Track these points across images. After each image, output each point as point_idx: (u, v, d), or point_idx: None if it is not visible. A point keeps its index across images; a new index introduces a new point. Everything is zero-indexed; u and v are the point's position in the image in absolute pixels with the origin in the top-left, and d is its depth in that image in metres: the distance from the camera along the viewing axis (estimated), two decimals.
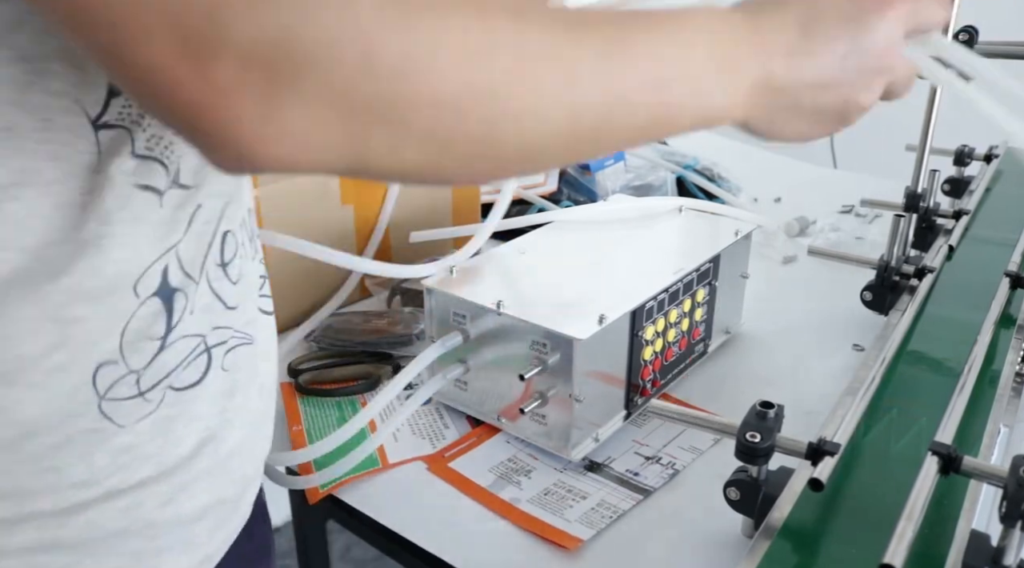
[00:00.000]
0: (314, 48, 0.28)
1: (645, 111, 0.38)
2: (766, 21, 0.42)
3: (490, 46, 0.32)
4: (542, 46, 0.34)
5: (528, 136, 0.35)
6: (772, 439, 0.57)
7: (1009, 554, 0.50)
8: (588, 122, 0.36)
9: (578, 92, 0.35)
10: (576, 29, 0.35)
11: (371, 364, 0.84)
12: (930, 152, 0.94)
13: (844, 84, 0.44)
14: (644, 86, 0.38)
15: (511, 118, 0.34)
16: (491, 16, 0.32)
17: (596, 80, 0.36)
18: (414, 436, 0.75)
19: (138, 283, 0.40)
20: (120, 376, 0.40)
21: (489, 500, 0.67)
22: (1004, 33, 0.87)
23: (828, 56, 0.43)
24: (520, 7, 0.34)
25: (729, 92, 0.41)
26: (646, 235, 0.87)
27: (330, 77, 0.29)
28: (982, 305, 0.79)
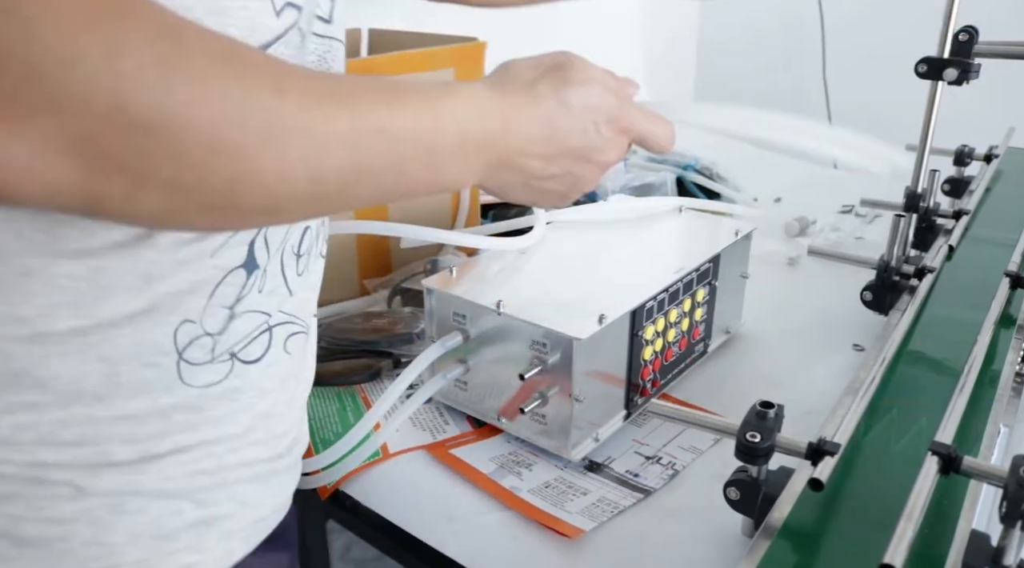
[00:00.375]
0: (62, 93, 0.30)
1: (387, 182, 0.41)
2: (515, 116, 0.48)
3: (244, 111, 0.34)
4: (296, 115, 0.36)
5: (271, 196, 0.37)
6: (772, 439, 0.57)
7: (1009, 554, 0.50)
8: (331, 187, 0.39)
9: (324, 159, 0.37)
10: (333, 100, 0.38)
11: (371, 358, 0.84)
12: (930, 152, 0.94)
13: (569, 178, 0.52)
14: (388, 162, 0.40)
15: (256, 177, 0.35)
16: (251, 82, 0.34)
17: (342, 153, 0.38)
18: (415, 427, 0.75)
19: (224, 252, 0.44)
20: (197, 336, 0.44)
21: (490, 487, 0.67)
22: (1004, 33, 0.87)
23: (559, 157, 0.50)
24: (283, 74, 0.36)
25: (465, 170, 0.46)
26: (646, 235, 0.87)
27: (72, 122, 0.30)
28: (982, 305, 0.79)
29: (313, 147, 0.37)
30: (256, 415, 0.49)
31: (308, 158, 0.37)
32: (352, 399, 0.80)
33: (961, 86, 0.89)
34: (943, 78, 0.88)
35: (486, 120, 0.46)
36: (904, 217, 0.89)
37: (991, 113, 1.35)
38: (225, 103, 0.33)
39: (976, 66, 0.88)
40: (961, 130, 1.13)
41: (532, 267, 0.78)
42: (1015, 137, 1.23)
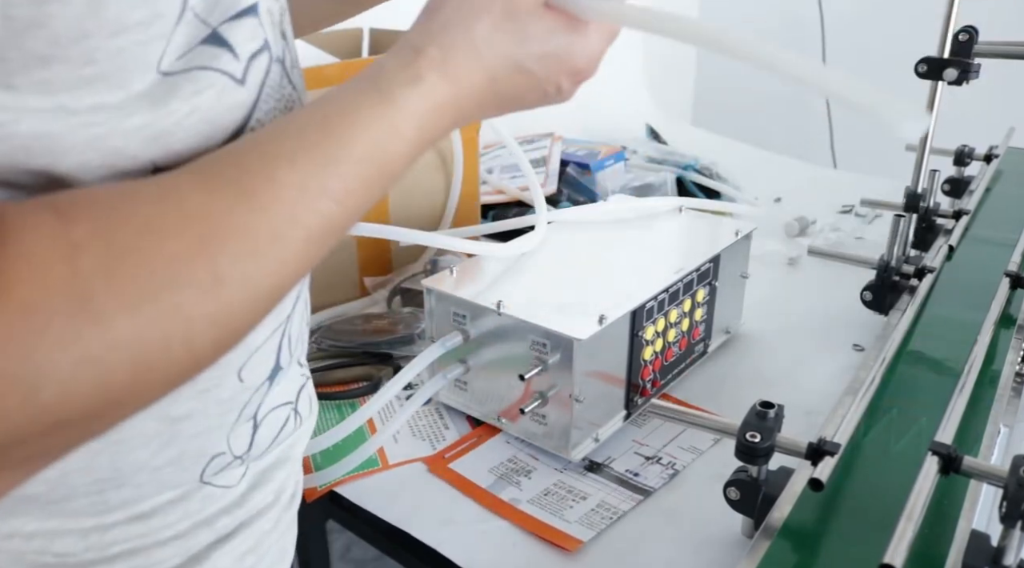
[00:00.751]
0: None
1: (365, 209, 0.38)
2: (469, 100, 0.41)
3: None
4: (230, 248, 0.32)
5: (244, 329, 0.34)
6: (772, 439, 0.57)
7: (1009, 554, 0.50)
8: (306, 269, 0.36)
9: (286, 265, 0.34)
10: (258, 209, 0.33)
11: (372, 366, 0.84)
12: (930, 152, 0.94)
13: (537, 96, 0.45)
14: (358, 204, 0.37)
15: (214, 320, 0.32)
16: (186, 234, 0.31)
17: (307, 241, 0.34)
18: (414, 437, 0.75)
19: (244, 368, 0.41)
20: (227, 464, 0.42)
21: (489, 500, 0.67)
22: (1004, 33, 0.87)
23: (518, 106, 0.45)
24: (184, 196, 0.32)
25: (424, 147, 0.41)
26: (646, 235, 0.87)
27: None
28: (982, 305, 0.79)
29: (268, 298, 0.34)
30: (283, 481, 0.48)
31: (268, 307, 0.34)
32: (352, 410, 0.79)
33: (961, 86, 0.89)
34: (943, 78, 0.88)
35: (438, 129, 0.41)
36: (904, 217, 0.89)
37: (991, 113, 1.35)
38: None
39: (976, 66, 0.88)
40: (961, 130, 1.13)
41: (532, 267, 0.78)
42: (1015, 137, 1.24)
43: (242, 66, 0.36)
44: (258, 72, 0.37)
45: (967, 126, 1.20)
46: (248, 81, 0.36)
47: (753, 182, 1.36)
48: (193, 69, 0.34)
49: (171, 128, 0.33)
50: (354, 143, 0.36)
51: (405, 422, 0.77)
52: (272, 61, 0.38)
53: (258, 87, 0.37)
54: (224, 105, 0.35)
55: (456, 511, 0.66)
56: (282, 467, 0.47)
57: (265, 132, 0.36)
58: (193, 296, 0.30)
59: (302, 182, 0.34)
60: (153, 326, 0.29)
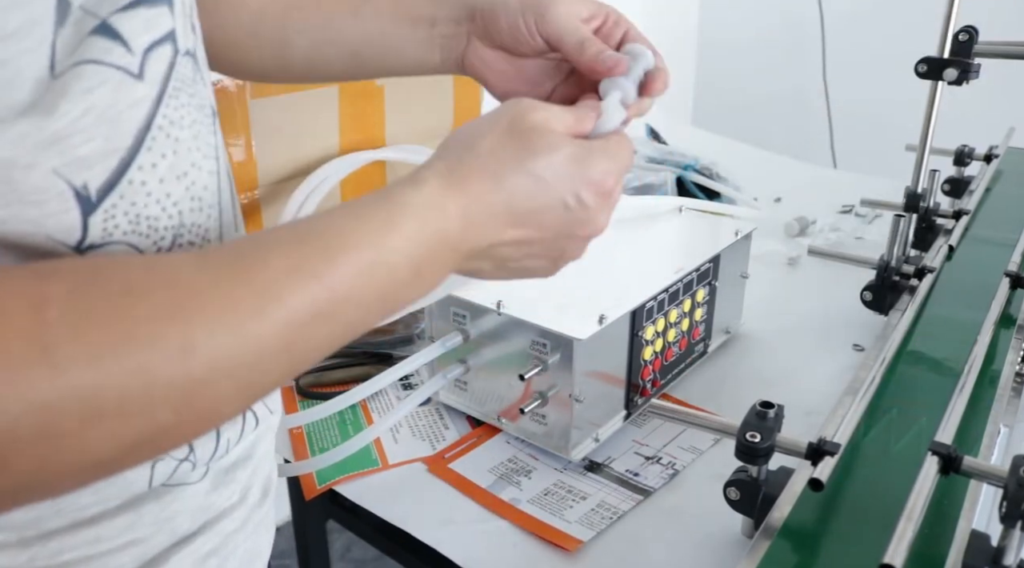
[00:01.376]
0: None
1: (354, 333, 0.37)
2: (476, 209, 0.40)
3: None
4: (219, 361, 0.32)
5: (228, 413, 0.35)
6: (772, 439, 0.57)
7: (1009, 554, 0.50)
8: (293, 374, 0.35)
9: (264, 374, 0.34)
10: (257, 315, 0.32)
11: (372, 366, 0.84)
12: (930, 152, 0.94)
13: (553, 252, 0.45)
14: (349, 324, 0.36)
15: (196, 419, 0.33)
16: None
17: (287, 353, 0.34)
18: (414, 437, 0.75)
19: None
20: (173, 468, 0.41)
21: (489, 500, 0.67)
22: (1004, 33, 0.87)
23: (537, 236, 0.43)
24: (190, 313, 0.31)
25: (428, 286, 0.40)
26: (646, 235, 0.87)
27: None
28: (982, 305, 0.79)
29: (237, 381, 0.32)
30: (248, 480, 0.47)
31: (236, 391, 0.33)
32: (352, 410, 0.79)
33: (961, 86, 0.89)
34: (943, 78, 0.88)
35: (446, 232, 0.39)
36: (904, 217, 0.89)
37: (991, 113, 1.35)
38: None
39: (976, 66, 0.88)
40: (961, 130, 1.13)
41: None
42: (1015, 137, 1.24)
43: (137, 59, 0.34)
44: (159, 65, 0.35)
45: (967, 126, 1.21)
46: (147, 75, 0.35)
47: (753, 182, 1.36)
48: (82, 63, 0.32)
49: (66, 130, 0.32)
50: (349, 233, 0.36)
51: (405, 422, 0.77)
52: (178, 54, 0.36)
53: (160, 81, 0.35)
54: (123, 102, 0.34)
55: (456, 511, 0.66)
56: (244, 466, 0.46)
57: (272, 229, 0.36)
58: (158, 359, 0.29)
59: (293, 265, 0.34)
60: (111, 380, 0.29)
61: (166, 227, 0.37)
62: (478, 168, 0.41)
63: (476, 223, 0.40)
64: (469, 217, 0.40)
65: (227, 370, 0.31)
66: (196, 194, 0.38)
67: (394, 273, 0.37)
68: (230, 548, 0.46)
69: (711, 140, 1.57)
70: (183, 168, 0.37)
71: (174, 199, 0.37)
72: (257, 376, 0.33)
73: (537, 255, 0.44)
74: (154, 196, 0.36)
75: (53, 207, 0.32)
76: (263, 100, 0.83)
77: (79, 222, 0.33)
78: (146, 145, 0.35)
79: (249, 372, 0.33)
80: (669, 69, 0.51)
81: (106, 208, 0.34)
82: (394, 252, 0.37)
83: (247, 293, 0.32)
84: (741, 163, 1.39)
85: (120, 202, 0.35)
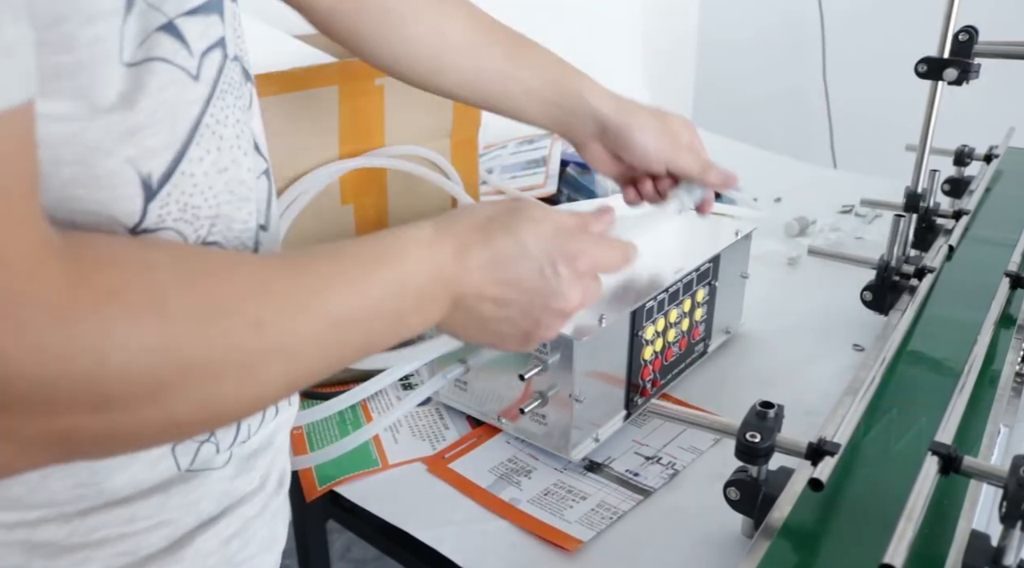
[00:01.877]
0: None
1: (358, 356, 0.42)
2: (467, 254, 0.46)
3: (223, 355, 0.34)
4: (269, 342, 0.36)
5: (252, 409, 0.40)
6: (772, 439, 0.57)
7: (1009, 554, 0.50)
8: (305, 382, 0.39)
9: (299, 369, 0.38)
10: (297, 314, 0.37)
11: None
12: (930, 152, 0.94)
13: (528, 320, 0.49)
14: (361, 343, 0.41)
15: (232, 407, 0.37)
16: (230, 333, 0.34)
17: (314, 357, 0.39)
18: (414, 437, 0.75)
19: None
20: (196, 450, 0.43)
21: (489, 500, 0.67)
22: (1004, 33, 0.87)
23: (514, 297, 0.48)
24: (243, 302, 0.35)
25: (426, 320, 0.45)
26: (646, 235, 0.87)
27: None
28: (982, 305, 0.79)
29: (288, 365, 0.37)
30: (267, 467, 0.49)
31: (284, 375, 0.37)
32: (352, 410, 0.79)
33: (961, 86, 0.89)
34: (943, 78, 0.88)
35: (442, 268, 0.45)
36: (904, 217, 0.89)
37: (991, 113, 1.35)
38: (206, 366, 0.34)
39: (976, 66, 0.88)
40: (961, 130, 1.13)
41: None
42: (1015, 137, 1.23)
43: (196, 62, 0.37)
44: (211, 69, 0.38)
45: (967, 126, 1.20)
46: (202, 77, 0.38)
47: (753, 182, 1.36)
48: (154, 59, 0.35)
49: (142, 124, 0.35)
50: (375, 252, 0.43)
51: (405, 422, 0.77)
52: (227, 59, 0.39)
53: (211, 83, 0.38)
54: (183, 100, 0.37)
55: (456, 511, 0.66)
56: (264, 453, 0.48)
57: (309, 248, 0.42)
58: (239, 328, 0.34)
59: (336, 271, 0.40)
60: (203, 339, 0.33)
61: (206, 216, 0.40)
62: (471, 225, 0.47)
63: (466, 267, 0.46)
64: (460, 259, 0.45)
65: (282, 349, 0.36)
66: (233, 188, 0.41)
67: (405, 296, 0.42)
68: (251, 532, 0.48)
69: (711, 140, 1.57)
70: (224, 163, 0.40)
71: (215, 191, 0.40)
72: (300, 364, 0.38)
73: (513, 319, 0.49)
74: (199, 187, 0.39)
75: (121, 192, 0.35)
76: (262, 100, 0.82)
77: (140, 208, 0.36)
78: (195, 141, 0.38)
79: (295, 358, 0.37)
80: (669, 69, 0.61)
81: (162, 196, 0.37)
82: (411, 273, 0.43)
83: (300, 289, 0.38)
84: (741, 163, 1.38)
85: (173, 191, 0.37)
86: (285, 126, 0.86)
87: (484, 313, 0.48)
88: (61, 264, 0.30)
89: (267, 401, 0.39)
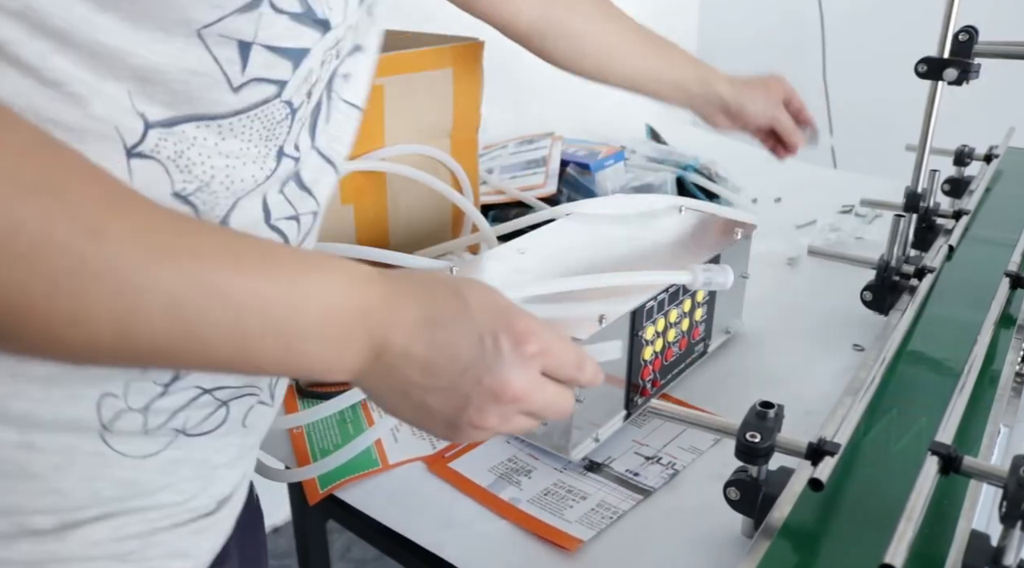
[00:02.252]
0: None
1: (222, 351, 0.36)
2: (398, 304, 0.41)
3: (41, 249, 0.31)
4: (106, 260, 0.32)
5: (59, 339, 0.33)
6: (772, 439, 0.57)
7: (1009, 554, 0.50)
8: (143, 342, 0.34)
9: (135, 313, 0.33)
10: (163, 250, 0.34)
11: None
12: (930, 152, 0.94)
13: (457, 397, 0.43)
14: (223, 332, 0.35)
15: (39, 319, 0.32)
16: (61, 219, 0.31)
17: (159, 308, 0.33)
18: (414, 437, 0.75)
19: None
20: (120, 410, 0.42)
21: (489, 500, 0.67)
22: (1004, 33, 0.87)
23: (446, 365, 0.42)
24: (112, 211, 0.33)
25: (333, 361, 0.39)
26: (646, 235, 0.87)
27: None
28: (982, 305, 0.79)
29: (119, 298, 0.32)
30: (199, 484, 0.47)
31: (113, 308, 0.32)
32: (352, 410, 0.79)
33: (961, 86, 0.89)
34: (943, 78, 0.88)
35: (370, 307, 0.40)
36: (904, 217, 0.89)
37: (991, 113, 1.35)
38: (15, 239, 0.30)
39: (976, 66, 0.88)
40: (961, 130, 1.13)
41: (532, 267, 0.78)
42: (1015, 137, 1.24)
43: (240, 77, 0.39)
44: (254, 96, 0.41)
45: (967, 126, 1.21)
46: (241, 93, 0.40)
47: (753, 182, 1.36)
48: None
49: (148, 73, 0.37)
50: (280, 255, 0.39)
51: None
52: (279, 101, 0.42)
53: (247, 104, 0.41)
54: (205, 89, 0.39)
55: (456, 511, 0.66)
56: (197, 468, 0.47)
57: None
58: (70, 219, 0.31)
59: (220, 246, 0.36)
60: (26, 211, 0.30)
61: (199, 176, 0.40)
62: (415, 280, 0.43)
63: (397, 317, 0.40)
64: (392, 306, 0.41)
65: (114, 283, 0.32)
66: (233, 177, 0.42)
67: (304, 309, 0.37)
68: (156, 540, 0.45)
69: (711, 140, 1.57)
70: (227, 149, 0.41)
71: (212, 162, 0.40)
72: (137, 309, 0.33)
73: (441, 391, 0.42)
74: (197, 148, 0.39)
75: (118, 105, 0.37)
76: None
77: (141, 127, 0.37)
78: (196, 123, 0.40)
79: (132, 297, 0.33)
80: None
81: (159, 131, 0.38)
82: (311, 287, 0.38)
83: (171, 230, 0.34)
84: (741, 163, 1.39)
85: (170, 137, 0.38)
86: None
87: (409, 377, 0.42)
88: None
89: (88, 336, 0.33)
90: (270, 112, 0.41)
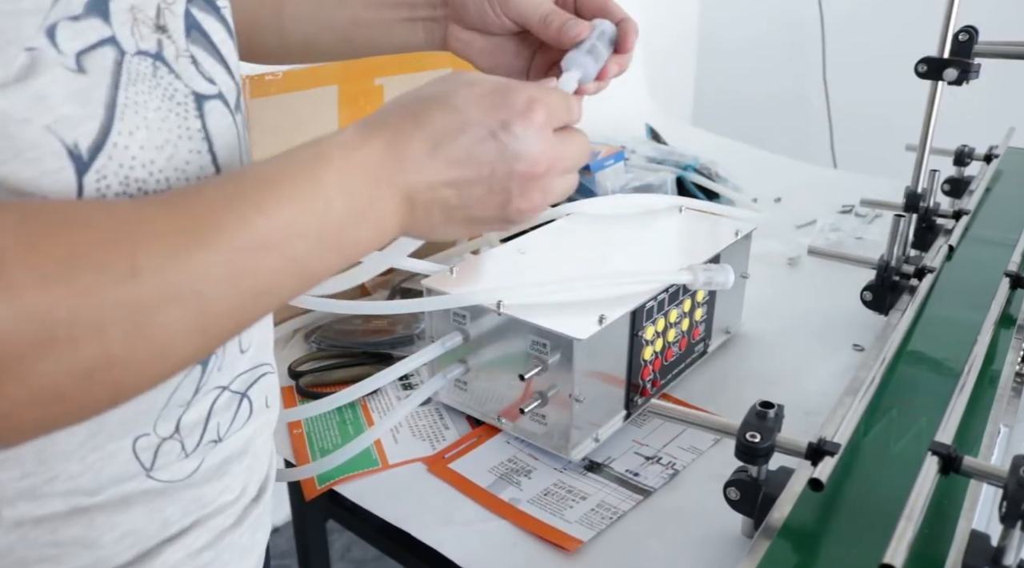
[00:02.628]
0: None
1: (291, 286, 0.38)
2: (400, 147, 0.41)
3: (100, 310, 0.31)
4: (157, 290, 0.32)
5: (156, 370, 0.34)
6: (772, 439, 0.57)
7: (1009, 554, 0.50)
8: (226, 325, 0.36)
9: (207, 310, 0.34)
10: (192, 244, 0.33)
11: (371, 366, 0.84)
12: (930, 152, 0.94)
13: (497, 196, 0.43)
14: (284, 271, 0.36)
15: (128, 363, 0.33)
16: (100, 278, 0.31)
17: (224, 291, 0.34)
18: (414, 437, 0.75)
19: None
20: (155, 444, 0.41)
21: (489, 500, 0.67)
22: (1004, 33, 0.87)
23: (473, 176, 0.42)
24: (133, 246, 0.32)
25: (375, 231, 0.40)
26: (646, 235, 0.87)
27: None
28: (982, 305, 0.79)
29: (186, 309, 0.33)
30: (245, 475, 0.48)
31: (187, 320, 0.33)
32: (352, 410, 0.79)
33: (961, 86, 0.89)
34: (943, 78, 0.88)
35: (375, 166, 0.40)
36: (904, 217, 0.89)
37: (991, 113, 1.35)
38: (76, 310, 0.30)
39: (976, 66, 0.88)
40: (961, 130, 1.13)
41: (532, 266, 0.78)
42: (1015, 137, 1.24)
43: (72, 59, 0.36)
44: (101, 61, 0.37)
45: (967, 126, 1.21)
46: (90, 70, 0.36)
47: (753, 182, 1.36)
48: (34, 49, 0.34)
49: (46, 91, 0.34)
50: (279, 171, 0.38)
51: (405, 422, 0.77)
52: (127, 54, 0.38)
53: (108, 73, 0.37)
54: (75, 85, 0.35)
55: (456, 511, 0.66)
56: (240, 460, 0.47)
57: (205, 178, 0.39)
58: (106, 281, 0.31)
59: (230, 196, 0.36)
60: (62, 301, 0.29)
61: (154, 190, 0.38)
62: (399, 111, 0.42)
63: (404, 157, 0.41)
64: (394, 151, 0.40)
65: (174, 295, 0.32)
66: (179, 166, 0.40)
67: (330, 207, 0.38)
68: (224, 543, 0.46)
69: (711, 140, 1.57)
70: (158, 142, 0.39)
71: (159, 166, 0.38)
72: (206, 304, 0.34)
73: (482, 199, 0.43)
74: (139, 160, 0.37)
75: (49, 165, 0.34)
76: (262, 100, 0.82)
77: (74, 182, 0.35)
78: (118, 116, 0.36)
79: (197, 299, 0.33)
80: (669, 69, 0.55)
81: (97, 168, 0.35)
82: (325, 185, 0.38)
83: (186, 221, 0.34)
84: (741, 163, 1.39)
85: (109, 163, 0.36)
86: (285, 125, 0.86)
87: (447, 204, 0.42)
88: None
89: (179, 353, 0.34)
90: (137, 69, 0.38)
